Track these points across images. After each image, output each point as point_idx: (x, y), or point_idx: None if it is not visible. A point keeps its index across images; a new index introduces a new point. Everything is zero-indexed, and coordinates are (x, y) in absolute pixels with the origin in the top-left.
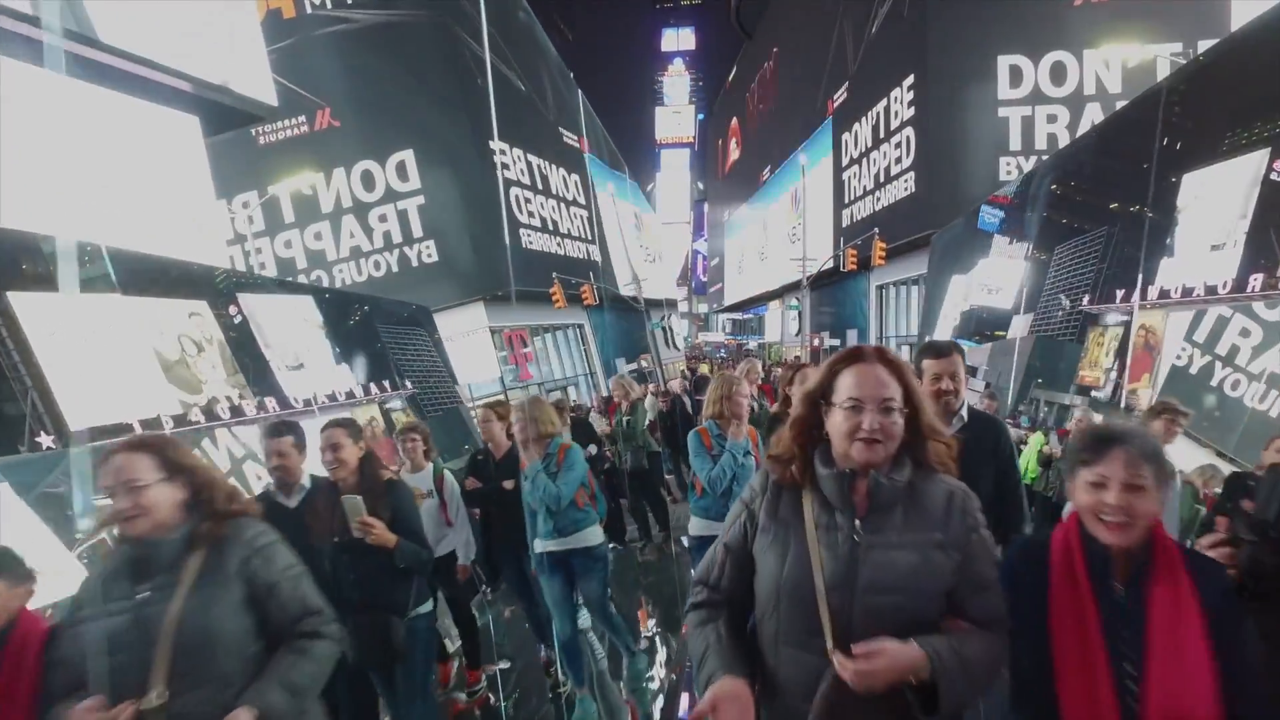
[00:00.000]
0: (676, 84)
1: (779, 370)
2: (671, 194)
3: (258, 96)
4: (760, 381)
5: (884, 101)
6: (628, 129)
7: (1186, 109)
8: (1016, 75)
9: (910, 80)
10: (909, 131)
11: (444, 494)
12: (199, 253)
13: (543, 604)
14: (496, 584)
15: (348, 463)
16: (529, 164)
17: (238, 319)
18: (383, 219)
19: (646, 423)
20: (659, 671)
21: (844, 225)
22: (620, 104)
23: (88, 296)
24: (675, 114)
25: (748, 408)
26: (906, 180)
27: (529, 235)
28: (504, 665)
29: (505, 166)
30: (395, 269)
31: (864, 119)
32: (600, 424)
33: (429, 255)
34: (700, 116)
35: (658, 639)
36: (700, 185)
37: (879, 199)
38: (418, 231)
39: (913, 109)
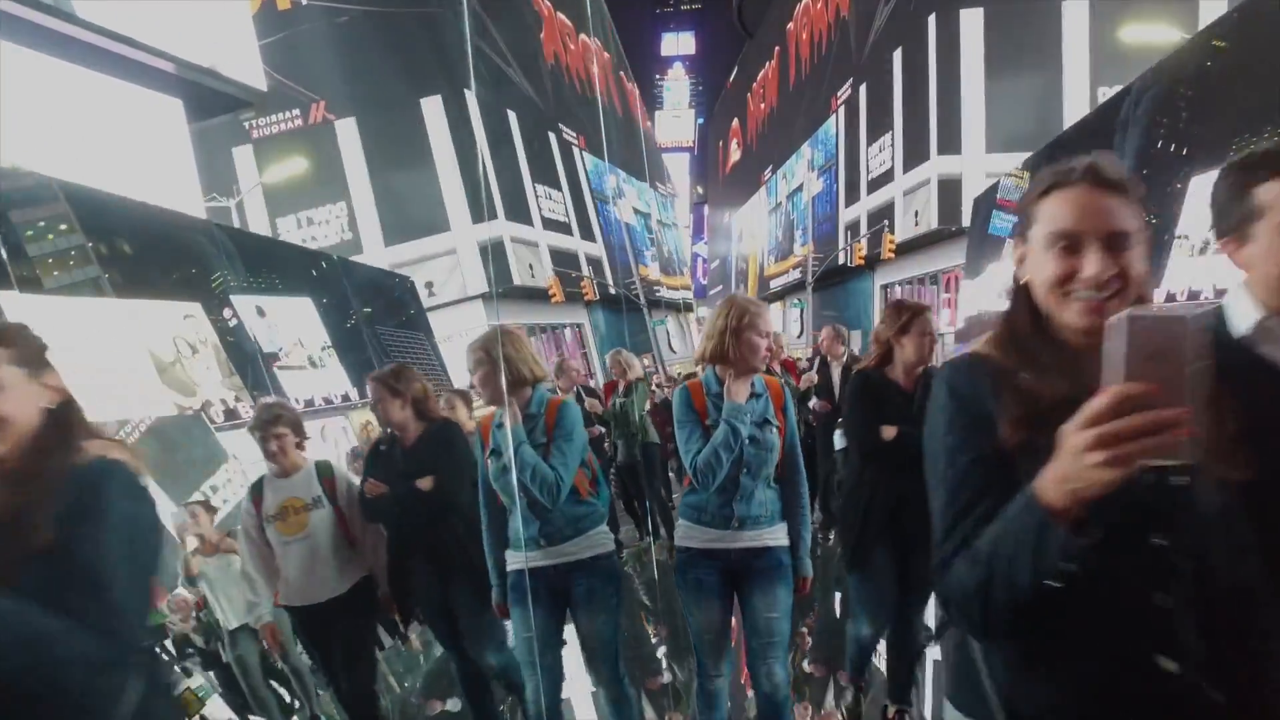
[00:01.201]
0: (676, 88)
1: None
2: (674, 204)
3: (246, 80)
4: (785, 357)
5: (891, 94)
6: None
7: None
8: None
9: (919, 72)
10: (918, 124)
11: (339, 500)
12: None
13: (488, 655)
14: (407, 630)
15: (10, 423)
16: (527, 156)
17: (233, 322)
18: (376, 213)
19: (647, 408)
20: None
21: (846, 222)
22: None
23: (80, 299)
24: (675, 118)
25: (765, 351)
26: (915, 175)
27: (526, 230)
28: (454, 706)
29: (502, 159)
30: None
31: (870, 113)
32: (593, 407)
33: (424, 251)
34: (700, 121)
35: (665, 670)
36: (700, 190)
37: (885, 195)
38: (412, 226)
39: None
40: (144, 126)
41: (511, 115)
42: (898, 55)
